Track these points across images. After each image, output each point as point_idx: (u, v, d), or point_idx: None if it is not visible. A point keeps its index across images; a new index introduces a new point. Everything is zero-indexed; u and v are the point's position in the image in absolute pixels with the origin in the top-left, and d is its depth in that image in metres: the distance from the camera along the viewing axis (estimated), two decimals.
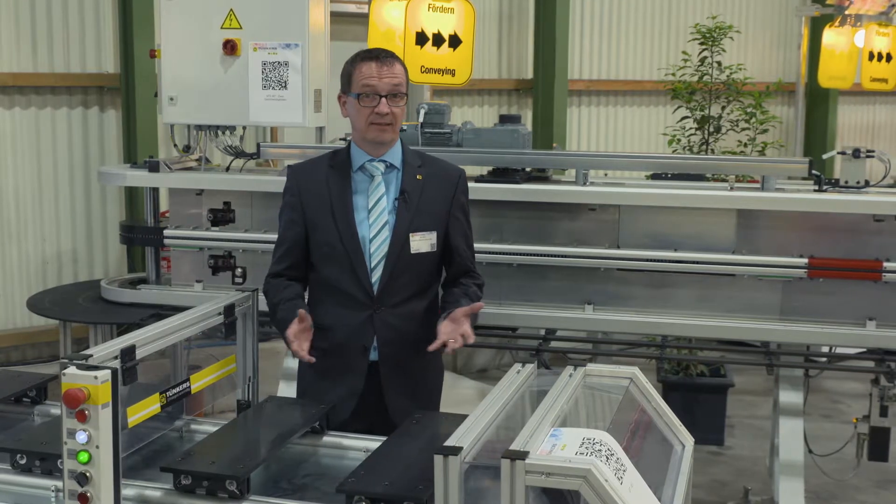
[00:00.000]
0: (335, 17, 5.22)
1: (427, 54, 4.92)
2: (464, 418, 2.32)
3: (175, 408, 3.05)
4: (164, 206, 5.25)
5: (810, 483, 4.76)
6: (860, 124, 11.82)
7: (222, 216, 4.74)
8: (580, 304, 4.44)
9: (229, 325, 3.22)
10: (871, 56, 9.12)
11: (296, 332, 3.12)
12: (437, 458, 2.09)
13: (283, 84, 4.71)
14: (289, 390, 4.67)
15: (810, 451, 4.75)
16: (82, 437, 2.27)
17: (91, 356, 2.44)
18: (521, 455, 2.03)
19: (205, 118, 4.89)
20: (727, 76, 6.99)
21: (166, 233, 4.81)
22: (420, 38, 4.90)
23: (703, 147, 6.95)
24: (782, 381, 4.43)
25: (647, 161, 4.82)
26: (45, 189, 6.70)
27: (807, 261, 4.17)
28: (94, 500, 2.29)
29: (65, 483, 2.31)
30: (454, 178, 3.41)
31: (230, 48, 4.71)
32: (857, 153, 4.28)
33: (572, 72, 9.26)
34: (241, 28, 4.73)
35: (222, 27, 4.74)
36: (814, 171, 4.27)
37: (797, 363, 4.42)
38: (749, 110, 6.99)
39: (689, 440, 2.88)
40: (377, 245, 3.26)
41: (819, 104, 10.77)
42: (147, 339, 2.77)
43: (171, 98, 4.85)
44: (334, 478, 2.67)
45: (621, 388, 2.86)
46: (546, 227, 4.49)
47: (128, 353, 2.62)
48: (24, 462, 2.58)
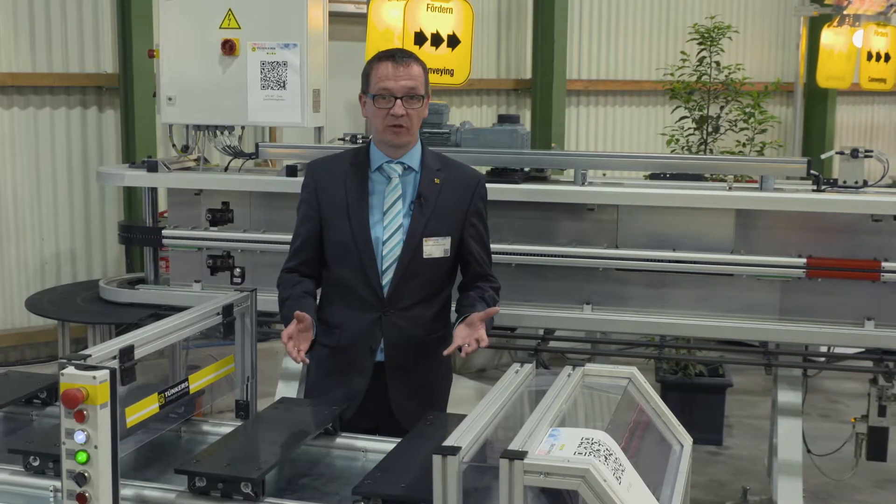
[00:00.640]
0: (334, 17, 5.22)
1: (425, 54, 4.92)
2: None
3: (186, 408, 3.07)
4: (162, 206, 5.24)
5: (809, 483, 4.76)
6: (858, 124, 11.82)
7: (221, 216, 4.74)
8: (579, 303, 4.44)
9: (228, 325, 3.22)
10: (870, 56, 9.14)
11: (291, 332, 3.11)
12: (436, 458, 2.09)
13: (282, 84, 4.71)
14: (288, 390, 4.68)
15: (809, 451, 4.75)
16: (81, 437, 2.27)
17: (89, 356, 2.44)
18: (520, 455, 2.03)
19: (203, 118, 4.89)
20: (726, 76, 6.99)
21: (165, 233, 4.81)
22: (419, 38, 4.90)
23: (702, 147, 6.96)
24: (781, 381, 4.43)
25: (645, 161, 4.82)
26: (43, 189, 6.69)
27: (805, 261, 4.17)
28: (93, 500, 2.29)
29: (63, 483, 2.31)
30: (472, 184, 3.40)
31: (229, 48, 4.71)
32: (855, 153, 4.28)
33: (571, 72, 9.26)
34: (239, 28, 4.73)
35: (221, 27, 4.74)
36: (812, 171, 4.27)
37: (796, 363, 4.42)
38: (747, 110, 6.99)
39: (687, 440, 2.88)
40: (390, 248, 3.25)
41: (817, 104, 10.78)
42: (146, 339, 2.77)
43: (170, 98, 4.85)
44: (348, 479, 2.67)
45: (620, 388, 2.86)
46: (545, 227, 4.49)
47: (126, 354, 2.62)
48: (37, 464, 2.56)
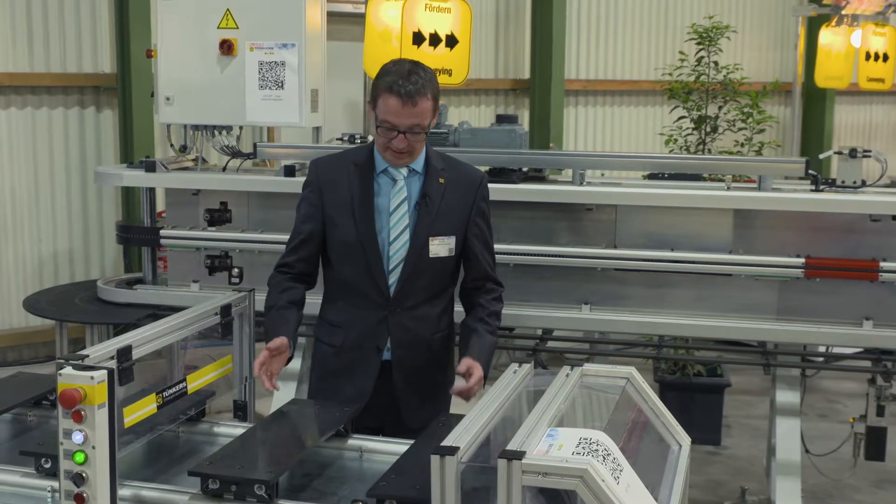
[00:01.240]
0: (332, 16, 5.22)
1: (424, 54, 4.92)
2: None
3: (196, 410, 3.07)
4: (160, 206, 5.24)
5: (807, 483, 4.76)
6: (857, 124, 11.84)
7: (219, 216, 4.73)
8: (577, 303, 4.44)
9: (226, 325, 3.21)
10: (868, 56, 9.13)
11: (264, 359, 3.04)
12: (434, 458, 2.09)
13: (280, 84, 4.70)
14: (285, 390, 4.67)
15: (807, 451, 4.75)
16: (78, 437, 2.27)
17: (87, 356, 2.44)
18: (518, 455, 2.03)
19: (201, 118, 4.89)
20: (724, 76, 6.99)
21: (163, 233, 4.81)
22: (417, 38, 4.89)
23: (700, 147, 6.95)
24: (779, 381, 4.43)
25: (643, 161, 4.82)
26: (41, 189, 6.69)
27: (803, 260, 4.18)
28: (91, 500, 2.29)
29: (61, 483, 2.31)
30: (476, 183, 3.38)
31: (227, 48, 4.71)
32: (853, 153, 4.28)
33: (569, 72, 9.27)
34: (237, 28, 4.73)
35: (219, 27, 4.74)
36: (810, 171, 4.28)
37: (794, 363, 4.43)
38: (746, 110, 6.99)
39: (685, 440, 2.88)
40: (396, 248, 3.24)
41: (816, 104, 10.79)
42: (143, 339, 2.76)
43: (168, 98, 4.85)
44: (360, 481, 2.67)
45: (618, 388, 2.86)
46: (543, 227, 4.49)
47: (124, 354, 2.62)
48: (48, 466, 2.54)
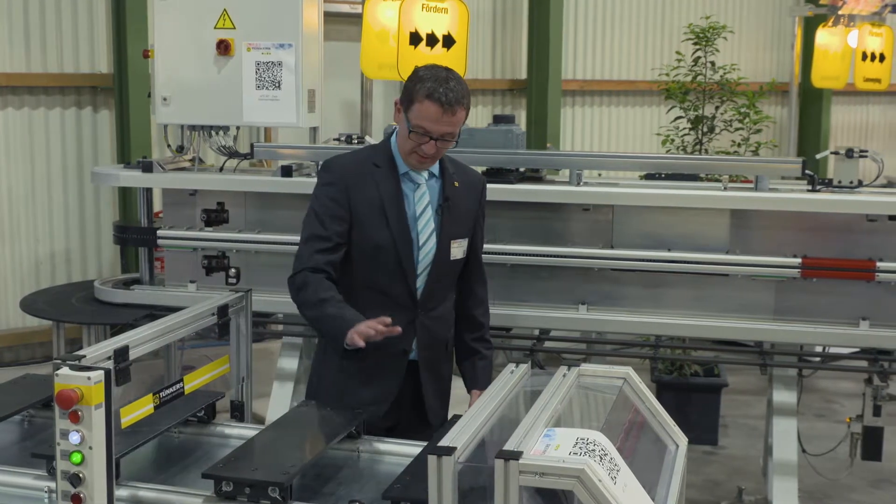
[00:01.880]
0: (329, 17, 5.22)
1: (421, 54, 4.91)
2: None
3: (207, 412, 3.07)
4: (157, 206, 5.24)
5: (804, 482, 4.77)
6: (853, 124, 11.85)
7: (216, 216, 4.73)
8: (574, 304, 4.44)
9: (223, 325, 3.21)
10: (865, 56, 9.14)
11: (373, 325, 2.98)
12: (431, 459, 2.09)
13: (277, 84, 4.70)
14: (283, 391, 4.68)
15: (804, 451, 4.76)
16: (75, 437, 2.27)
17: (84, 357, 2.44)
18: (515, 455, 2.03)
19: (198, 118, 4.89)
20: (721, 76, 6.99)
21: (160, 233, 4.81)
22: (414, 39, 4.89)
23: (697, 147, 6.96)
24: (776, 381, 4.43)
25: (640, 161, 4.82)
26: (38, 189, 6.69)
27: (800, 261, 4.18)
28: (88, 500, 2.28)
29: (58, 484, 2.31)
30: (479, 185, 3.44)
31: (224, 48, 4.71)
32: (850, 153, 4.29)
33: (566, 72, 9.27)
34: (234, 28, 4.73)
35: (216, 27, 4.74)
36: (807, 171, 4.28)
37: (791, 363, 4.43)
38: (742, 110, 6.99)
39: (682, 440, 2.88)
40: (425, 252, 3.25)
41: (812, 104, 10.80)
42: (140, 339, 2.76)
43: (165, 98, 4.85)
44: (373, 483, 2.67)
45: (615, 388, 2.86)
46: (540, 227, 4.49)
47: (121, 354, 2.61)
48: None
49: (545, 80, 8.90)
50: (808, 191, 4.29)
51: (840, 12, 8.99)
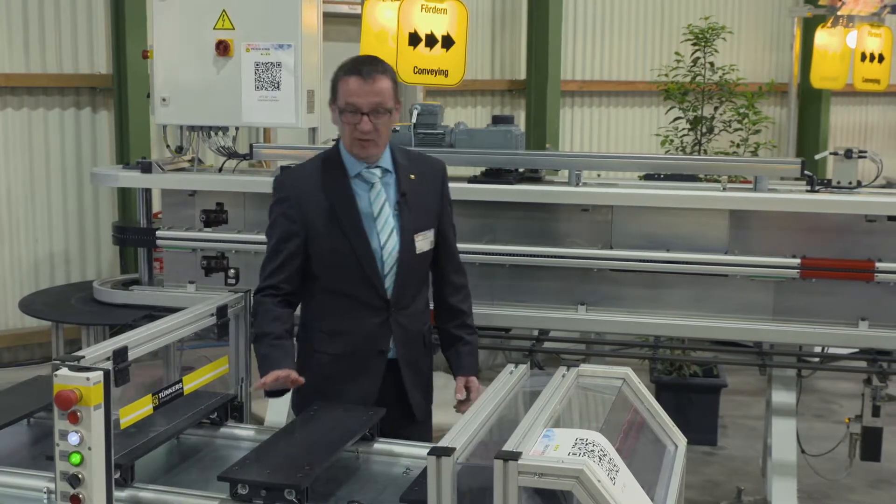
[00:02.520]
0: (328, 17, 5.22)
1: (420, 55, 4.91)
2: None
3: (219, 414, 3.06)
4: (156, 207, 5.24)
5: (803, 483, 4.77)
6: (852, 125, 11.85)
7: (215, 217, 4.73)
8: (573, 304, 4.44)
9: (222, 326, 3.22)
10: (864, 57, 9.13)
11: (280, 375, 3.05)
12: (430, 459, 2.09)
13: (276, 85, 4.70)
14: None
15: (803, 451, 4.76)
16: (74, 438, 2.27)
17: (83, 357, 2.44)
18: (514, 456, 2.03)
19: (197, 119, 4.89)
20: (720, 77, 6.99)
21: (159, 234, 4.81)
22: (413, 39, 4.89)
23: (696, 148, 6.95)
24: (775, 382, 4.43)
25: (639, 162, 4.82)
26: (37, 190, 6.69)
27: (799, 261, 4.18)
28: (87, 501, 2.29)
29: (57, 485, 2.31)
30: (439, 171, 3.44)
31: (223, 49, 4.71)
32: (849, 154, 4.29)
33: (565, 72, 9.27)
34: (233, 29, 4.72)
35: (215, 28, 4.74)
36: (806, 172, 4.28)
37: (790, 363, 4.43)
38: (742, 111, 6.99)
39: (681, 440, 2.88)
40: (388, 251, 3.25)
41: (811, 105, 10.80)
42: (139, 340, 2.77)
43: (164, 99, 4.84)
44: (388, 486, 2.66)
45: (614, 389, 2.86)
46: (539, 227, 4.49)
47: (120, 355, 2.62)
48: None
49: (544, 81, 8.90)
50: (808, 191, 4.29)
51: (839, 13, 8.98)
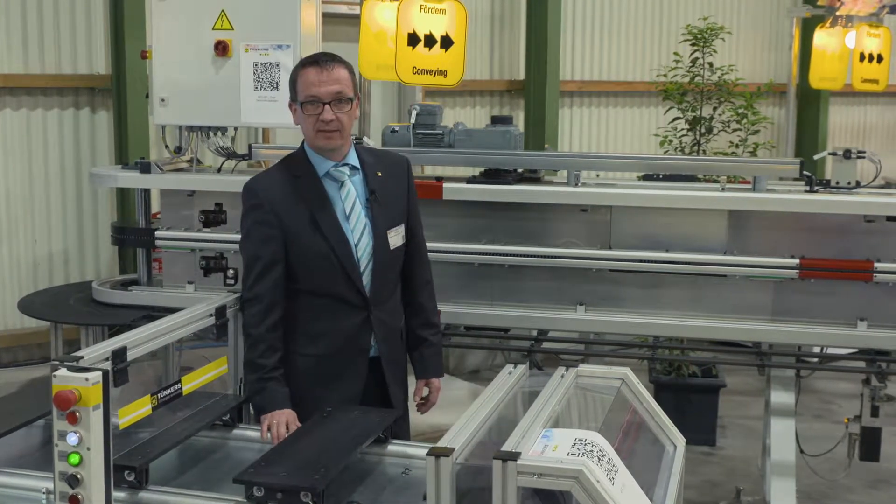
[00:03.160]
0: (327, 18, 5.21)
1: (419, 55, 4.91)
2: None
3: (231, 416, 3.06)
4: (155, 207, 5.24)
5: (802, 483, 4.77)
6: (851, 125, 11.84)
7: (214, 217, 4.73)
8: (572, 304, 4.44)
9: (221, 326, 3.22)
10: (862, 57, 9.12)
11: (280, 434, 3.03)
12: (429, 459, 2.09)
13: (275, 85, 4.70)
14: None
15: (802, 452, 4.76)
16: (73, 438, 2.27)
17: (82, 358, 2.44)
18: (513, 456, 2.04)
19: (196, 119, 4.88)
20: (718, 77, 7.00)
21: (158, 234, 4.81)
22: (412, 39, 4.88)
23: (695, 148, 6.96)
24: (774, 382, 4.44)
25: (638, 162, 4.83)
26: (36, 190, 6.68)
27: (798, 261, 4.18)
28: (86, 501, 2.28)
29: (56, 485, 2.31)
30: (403, 166, 3.48)
31: (222, 49, 4.70)
32: (848, 154, 4.29)
33: (564, 72, 9.27)
34: (232, 29, 4.72)
35: (214, 28, 4.73)
36: (805, 172, 4.29)
37: (789, 363, 4.44)
38: (740, 111, 7.00)
39: (680, 440, 2.89)
40: (363, 248, 3.28)
41: (810, 105, 10.79)
42: (138, 340, 2.77)
43: (163, 99, 4.84)
44: (405, 488, 2.67)
45: (613, 389, 2.87)
46: (538, 228, 4.50)
47: (119, 355, 2.62)
48: None
49: (543, 81, 8.89)
50: (806, 191, 4.29)
51: (838, 13, 8.98)
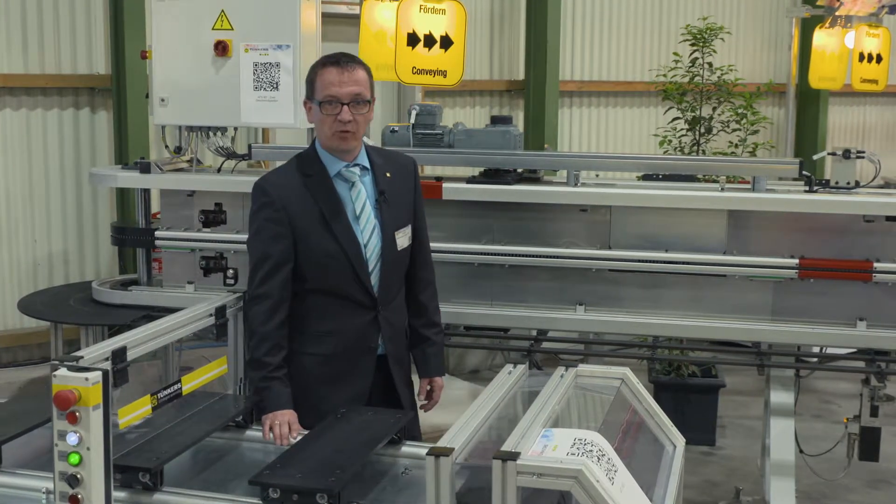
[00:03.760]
0: (327, 18, 5.21)
1: (418, 55, 4.92)
2: None
3: (244, 418, 3.05)
4: (155, 207, 5.24)
5: (801, 483, 4.77)
6: (850, 125, 11.84)
7: (214, 217, 4.73)
8: (571, 304, 4.44)
9: (221, 326, 3.22)
10: (862, 57, 9.13)
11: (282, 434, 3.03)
12: (429, 459, 2.09)
13: (275, 85, 4.70)
14: None
15: (801, 451, 4.76)
16: (73, 438, 2.27)
17: (82, 358, 2.45)
18: (513, 456, 2.04)
19: (196, 119, 4.88)
20: (718, 77, 7.00)
21: (158, 234, 4.81)
22: (411, 39, 4.89)
23: (694, 148, 6.96)
24: (773, 382, 4.44)
25: (638, 162, 4.83)
26: (36, 190, 6.68)
27: (797, 261, 4.18)
28: (85, 501, 2.29)
29: (55, 485, 2.31)
30: (410, 168, 3.49)
31: (221, 49, 4.71)
32: (847, 154, 4.29)
33: (564, 73, 9.27)
34: (232, 29, 4.72)
35: (213, 28, 4.73)
36: (804, 172, 4.28)
37: (788, 363, 4.43)
38: (740, 111, 7.00)
39: (680, 440, 2.89)
40: (372, 248, 3.29)
41: (810, 105, 10.79)
42: (138, 340, 2.77)
43: (163, 99, 4.84)
44: (420, 491, 2.64)
45: (612, 389, 2.87)
46: (537, 228, 4.50)
47: (119, 355, 2.62)
48: None
49: (543, 81, 8.90)
50: (806, 191, 4.29)
51: (837, 13, 8.98)
